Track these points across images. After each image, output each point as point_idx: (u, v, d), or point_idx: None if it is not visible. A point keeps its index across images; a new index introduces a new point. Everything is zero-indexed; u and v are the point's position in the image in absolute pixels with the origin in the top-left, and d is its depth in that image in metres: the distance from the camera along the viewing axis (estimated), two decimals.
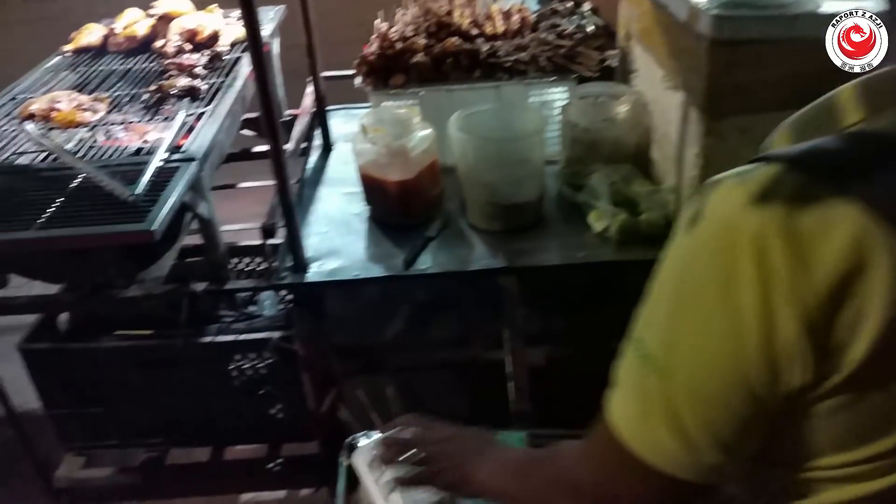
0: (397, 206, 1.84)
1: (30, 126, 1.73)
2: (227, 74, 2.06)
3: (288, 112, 2.38)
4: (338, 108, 2.41)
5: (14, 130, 1.86)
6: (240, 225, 2.51)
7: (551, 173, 1.95)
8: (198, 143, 1.70)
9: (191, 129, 1.80)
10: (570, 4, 2.18)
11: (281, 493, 2.38)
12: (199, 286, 1.73)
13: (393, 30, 2.19)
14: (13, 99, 2.02)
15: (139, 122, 1.86)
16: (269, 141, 1.56)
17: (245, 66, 2.08)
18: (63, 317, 2.06)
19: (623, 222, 1.73)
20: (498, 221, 1.82)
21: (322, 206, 1.97)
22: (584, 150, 1.89)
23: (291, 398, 1.93)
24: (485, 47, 1.97)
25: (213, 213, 1.69)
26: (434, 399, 1.85)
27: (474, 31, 2.08)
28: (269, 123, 1.54)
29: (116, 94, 2.00)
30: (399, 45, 1.97)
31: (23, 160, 1.77)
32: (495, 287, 1.74)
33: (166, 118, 1.86)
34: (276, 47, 2.32)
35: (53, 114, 1.81)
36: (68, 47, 2.30)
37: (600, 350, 1.89)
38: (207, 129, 1.77)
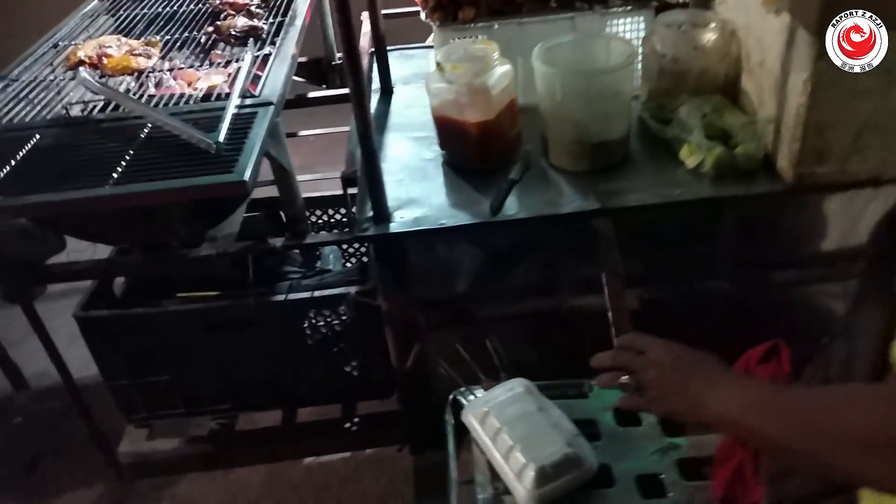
0: (476, 150, 1.73)
1: (85, 73, 1.59)
2: (284, 14, 1.91)
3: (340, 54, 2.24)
4: (392, 49, 2.27)
5: (62, 79, 1.72)
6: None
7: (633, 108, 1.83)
8: (270, 86, 1.57)
9: (255, 76, 1.67)
10: None
11: (346, 454, 2.31)
12: (278, 241, 1.62)
13: None
14: (55, 47, 1.87)
15: (196, 67, 1.73)
16: (350, 83, 1.45)
17: (302, 4, 1.94)
18: (118, 281, 1.95)
19: (719, 156, 1.63)
20: (584, 161, 1.71)
21: (392, 152, 1.85)
22: (671, 81, 1.78)
23: (368, 354, 1.83)
24: None
25: (291, 161, 1.57)
26: (526, 350, 1.76)
27: None
28: (352, 63, 1.42)
29: (166, 37, 1.86)
30: None
31: (75, 111, 1.64)
32: (588, 230, 1.64)
33: (227, 62, 1.72)
34: None
35: (105, 60, 1.67)
36: None
37: (695, 289, 1.82)
38: (277, 70, 1.64)
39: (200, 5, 2.03)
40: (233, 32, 1.74)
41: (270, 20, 1.88)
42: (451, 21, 1.86)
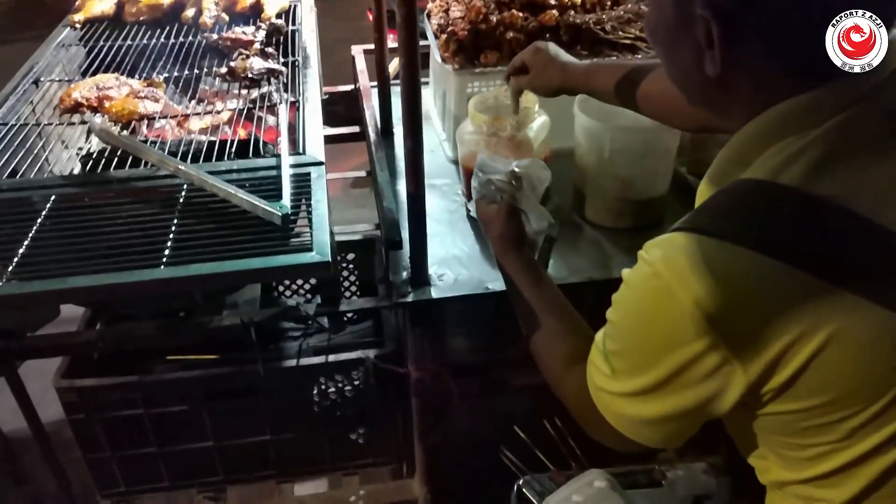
0: None
1: (98, 119, 1.37)
2: (293, 52, 1.73)
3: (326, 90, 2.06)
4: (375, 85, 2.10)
5: (58, 124, 1.48)
6: None
7: None
8: (312, 140, 1.41)
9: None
10: None
11: None
12: (309, 308, 1.46)
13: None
14: (36, 84, 1.62)
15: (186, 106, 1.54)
16: (407, 141, 1.33)
17: (311, 43, 1.76)
18: None
19: None
20: (626, 218, 1.63)
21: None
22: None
23: (379, 422, 1.70)
24: (590, 19, 1.75)
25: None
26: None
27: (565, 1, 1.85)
28: (412, 120, 1.30)
29: (165, 75, 1.65)
30: (493, 19, 1.72)
31: (66, 164, 1.41)
32: None
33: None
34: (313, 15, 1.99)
35: (106, 104, 1.46)
36: (77, 17, 1.89)
37: None
38: (312, 121, 1.47)
39: (191, 38, 1.81)
40: (250, 75, 1.55)
41: (283, 60, 1.69)
42: (470, 65, 1.74)
